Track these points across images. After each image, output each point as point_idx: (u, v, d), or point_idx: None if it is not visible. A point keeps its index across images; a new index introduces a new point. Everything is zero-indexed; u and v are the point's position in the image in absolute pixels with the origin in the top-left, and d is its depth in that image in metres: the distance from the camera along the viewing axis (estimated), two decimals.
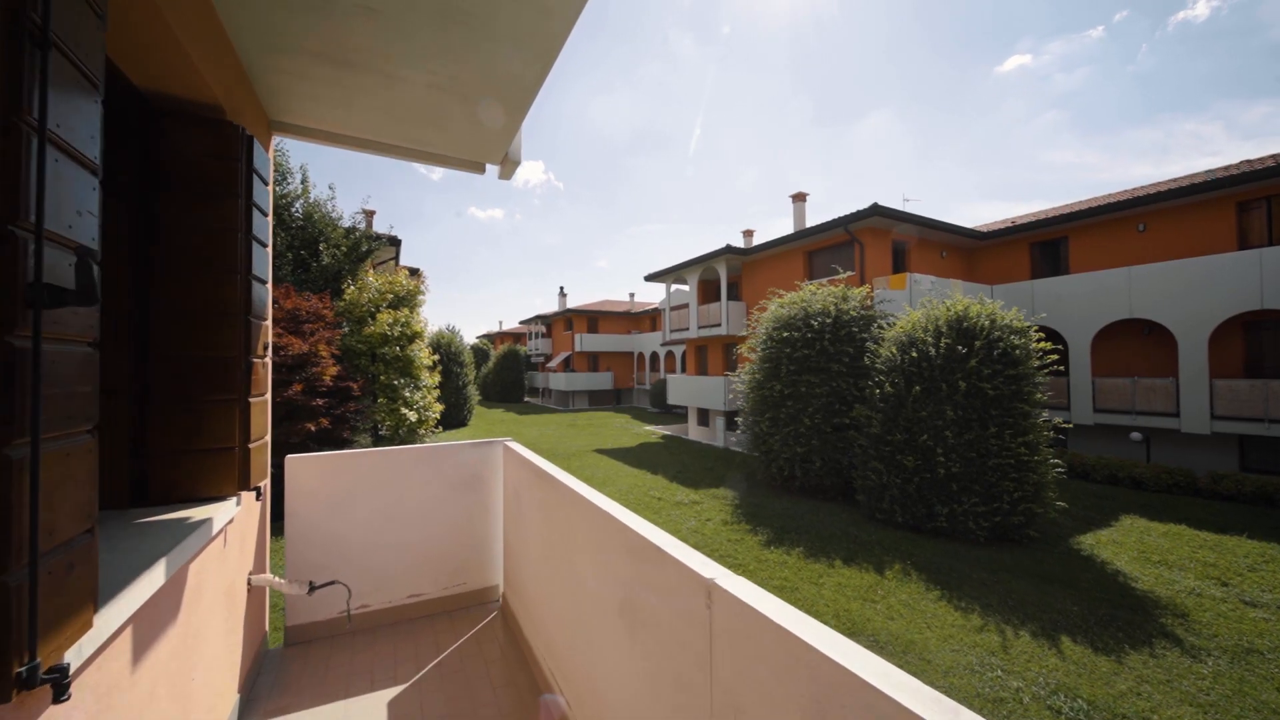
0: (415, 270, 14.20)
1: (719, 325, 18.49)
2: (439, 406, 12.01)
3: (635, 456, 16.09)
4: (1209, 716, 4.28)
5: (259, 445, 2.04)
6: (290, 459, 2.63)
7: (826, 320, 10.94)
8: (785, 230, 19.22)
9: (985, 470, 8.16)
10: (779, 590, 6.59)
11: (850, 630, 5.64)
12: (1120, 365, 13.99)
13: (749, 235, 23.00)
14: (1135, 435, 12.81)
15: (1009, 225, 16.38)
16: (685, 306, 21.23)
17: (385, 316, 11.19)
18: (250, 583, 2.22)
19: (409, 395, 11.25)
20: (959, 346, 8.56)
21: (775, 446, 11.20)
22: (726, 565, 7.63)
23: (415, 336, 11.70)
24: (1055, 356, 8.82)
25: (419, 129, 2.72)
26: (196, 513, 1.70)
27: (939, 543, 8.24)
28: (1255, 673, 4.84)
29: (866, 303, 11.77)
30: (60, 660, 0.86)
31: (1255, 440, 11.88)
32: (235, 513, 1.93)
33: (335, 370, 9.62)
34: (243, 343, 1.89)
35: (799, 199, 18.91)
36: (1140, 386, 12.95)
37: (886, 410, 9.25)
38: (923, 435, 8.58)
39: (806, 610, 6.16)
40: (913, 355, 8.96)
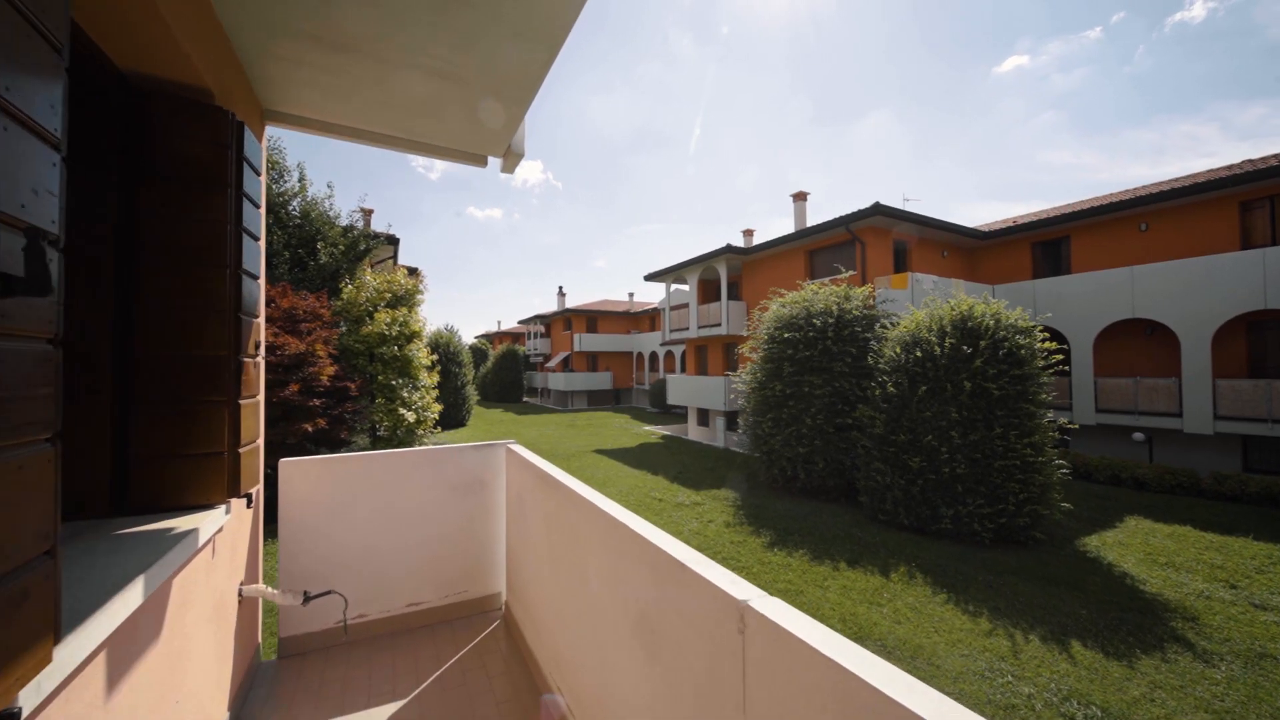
0: (414, 269, 14.07)
1: (719, 325, 18.40)
2: (437, 407, 11.89)
3: (635, 457, 15.99)
4: None
5: (250, 449, 1.93)
6: (284, 463, 2.52)
7: (829, 320, 10.85)
8: (784, 230, 19.17)
9: (990, 471, 8.08)
10: (784, 594, 6.50)
11: (857, 635, 5.55)
12: (1122, 365, 13.94)
13: (749, 235, 22.92)
14: (1138, 435, 12.77)
15: (1010, 225, 16.32)
16: (685, 306, 21.14)
17: (383, 316, 11.06)
18: (242, 594, 2.11)
19: (407, 395, 11.13)
20: (964, 346, 8.48)
21: (777, 447, 11.11)
22: (730, 568, 7.54)
23: (414, 336, 11.58)
24: (1060, 356, 8.75)
25: (419, 120, 2.62)
26: (182, 522, 1.60)
27: (943, 544, 8.15)
28: (1270, 678, 4.76)
29: (869, 302, 11.68)
30: (12, 703, 0.75)
31: (1258, 440, 11.83)
32: (225, 521, 1.82)
33: (333, 370, 9.49)
34: (233, 341, 1.79)
35: (800, 198, 18.83)
36: (1143, 386, 12.89)
37: (890, 410, 9.17)
38: (927, 436, 8.50)
39: (812, 614, 6.07)
40: (917, 355, 8.88)
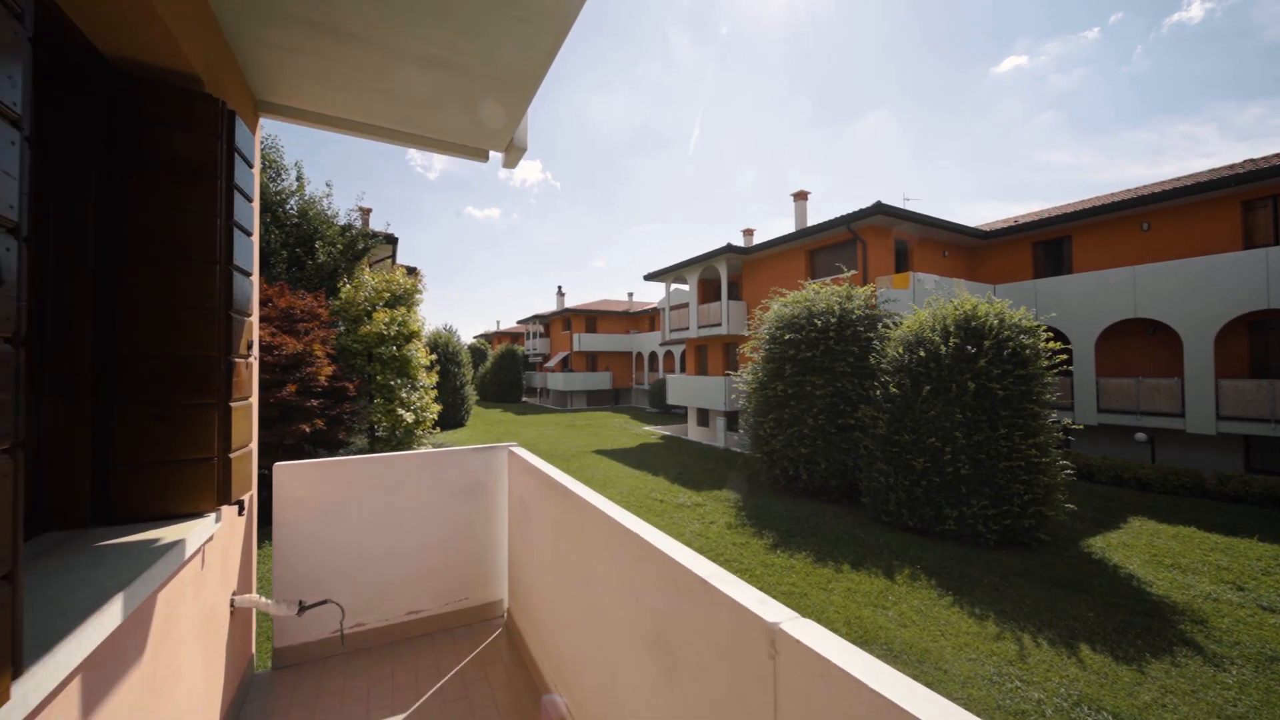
0: (412, 269, 13.97)
1: (719, 325, 18.32)
2: (436, 407, 11.79)
3: (635, 457, 15.90)
4: None
5: (242, 454, 1.84)
6: (279, 467, 2.43)
7: (831, 320, 10.78)
8: (783, 230, 19.09)
9: (995, 472, 8.01)
10: (788, 597, 6.43)
11: (863, 639, 5.47)
12: (1124, 365, 13.89)
13: (749, 234, 22.85)
14: (1140, 436, 12.72)
15: (1012, 224, 16.27)
16: (685, 306, 21.06)
17: (382, 315, 10.96)
18: (234, 605, 2.03)
19: (406, 396, 11.03)
20: (968, 346, 8.41)
21: (778, 448, 11.04)
22: (732, 570, 7.45)
23: (412, 336, 11.48)
24: (1065, 356, 8.69)
25: (419, 112, 2.53)
26: (168, 532, 1.51)
27: (948, 546, 8.08)
28: None
29: (871, 302, 11.62)
30: None
31: (1261, 441, 11.79)
32: (215, 530, 1.74)
33: (330, 370, 9.39)
34: (223, 340, 1.70)
35: (800, 197, 18.76)
36: (1145, 386, 12.84)
37: (893, 411, 9.10)
38: (931, 436, 8.43)
39: (817, 617, 5.99)
40: (921, 355, 8.80)
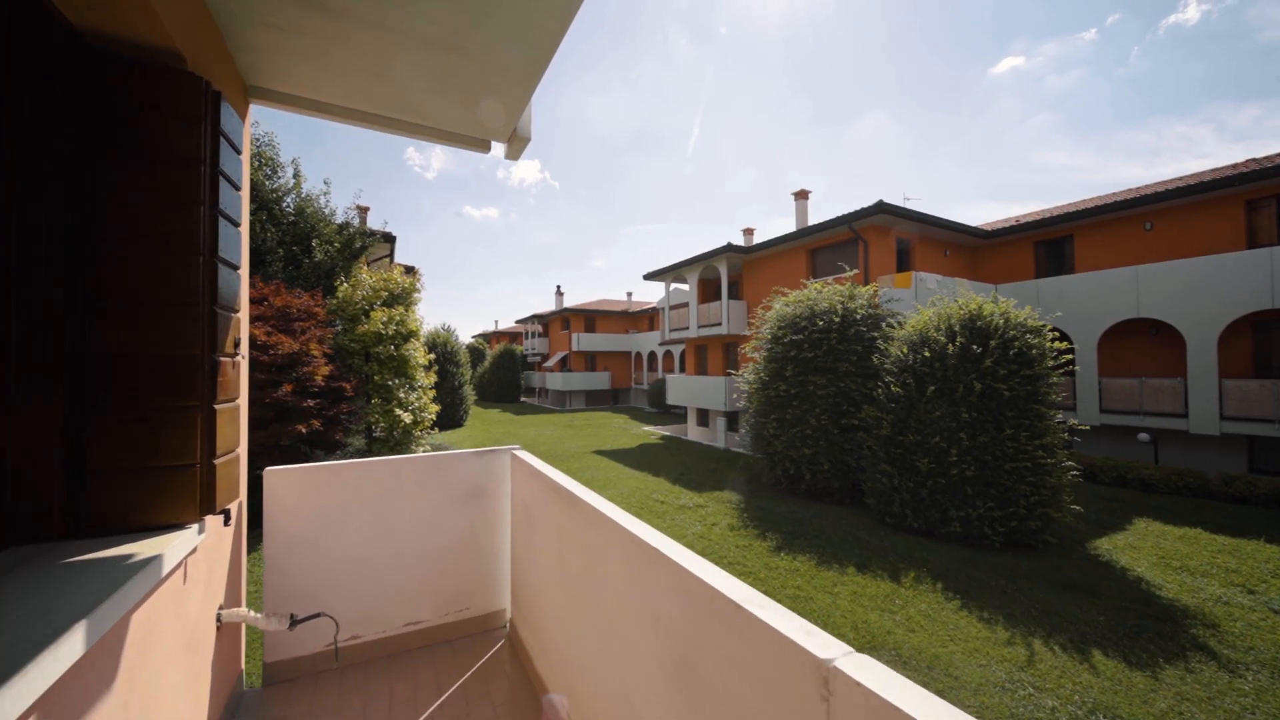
0: (410, 268, 13.83)
1: (719, 324, 18.22)
2: (434, 407, 11.66)
3: (635, 458, 15.79)
4: None
5: (228, 460, 1.72)
6: (269, 472, 2.31)
7: (834, 319, 10.69)
8: (781, 230, 18.99)
9: (1001, 474, 7.92)
10: (793, 600, 6.32)
11: (871, 644, 5.36)
12: (1127, 365, 13.84)
13: (749, 234, 22.75)
14: (1143, 436, 12.65)
15: (1013, 224, 16.20)
16: (685, 306, 20.95)
17: (379, 315, 10.83)
18: (221, 619, 1.90)
19: (404, 396, 10.90)
20: (974, 346, 8.32)
21: (781, 449, 10.93)
22: (734, 573, 7.35)
23: (410, 335, 11.35)
24: (1070, 356, 8.61)
25: (419, 98, 2.41)
26: (145, 546, 1.39)
27: (953, 548, 7.99)
28: None
29: (874, 301, 11.53)
30: None
31: (1264, 441, 11.73)
32: (198, 541, 1.61)
33: (327, 370, 9.26)
34: (207, 338, 1.58)
35: (801, 196, 18.66)
36: (1148, 387, 12.79)
37: (897, 411, 9.00)
38: (935, 437, 8.33)
39: (822, 622, 5.88)
40: (925, 355, 8.71)
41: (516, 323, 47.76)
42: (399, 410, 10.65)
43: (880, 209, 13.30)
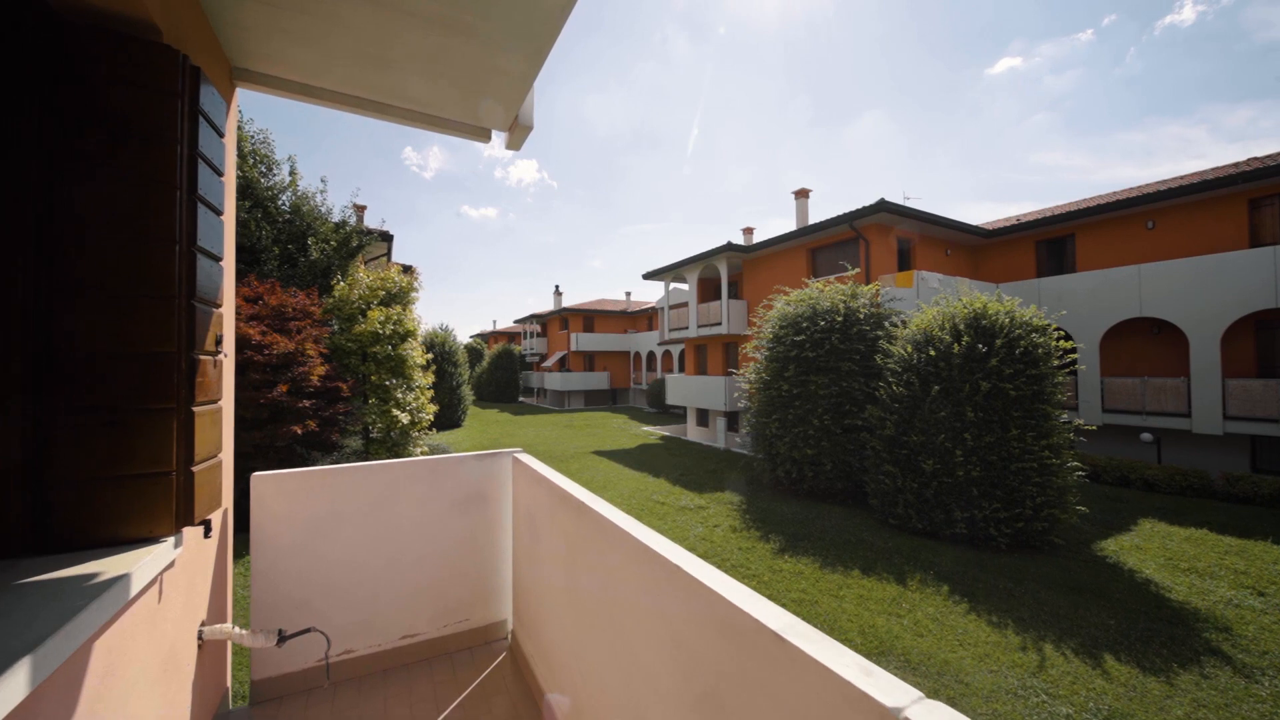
0: (408, 267, 13.67)
1: (719, 324, 18.10)
2: (432, 408, 11.51)
3: (635, 458, 15.66)
4: None
5: (208, 467, 1.59)
6: (256, 478, 2.18)
7: (836, 319, 10.58)
8: (779, 230, 18.86)
9: (1007, 474, 7.82)
10: (799, 605, 6.20)
11: (879, 649, 5.25)
12: (1129, 365, 13.77)
13: (749, 233, 22.66)
14: (1146, 436, 12.58)
15: (1014, 223, 16.13)
16: (684, 305, 20.84)
17: (376, 314, 10.67)
18: (203, 637, 1.78)
19: (401, 396, 10.75)
20: (979, 345, 8.21)
21: (784, 449, 10.82)
22: (738, 576, 7.22)
23: (408, 335, 11.20)
24: (1076, 355, 8.52)
25: (416, 82, 2.28)
26: (112, 564, 1.26)
27: (959, 550, 7.89)
28: None
29: (876, 300, 11.43)
30: None
31: (1268, 441, 11.67)
32: (175, 556, 1.49)
33: (323, 370, 9.11)
34: (183, 335, 1.45)
35: (801, 195, 18.57)
36: (1150, 386, 12.72)
37: (901, 411, 8.90)
38: (940, 437, 8.23)
39: (829, 626, 5.77)
40: (930, 354, 8.61)
41: (515, 322, 47.57)
42: (396, 410, 10.51)
43: (882, 207, 13.21)
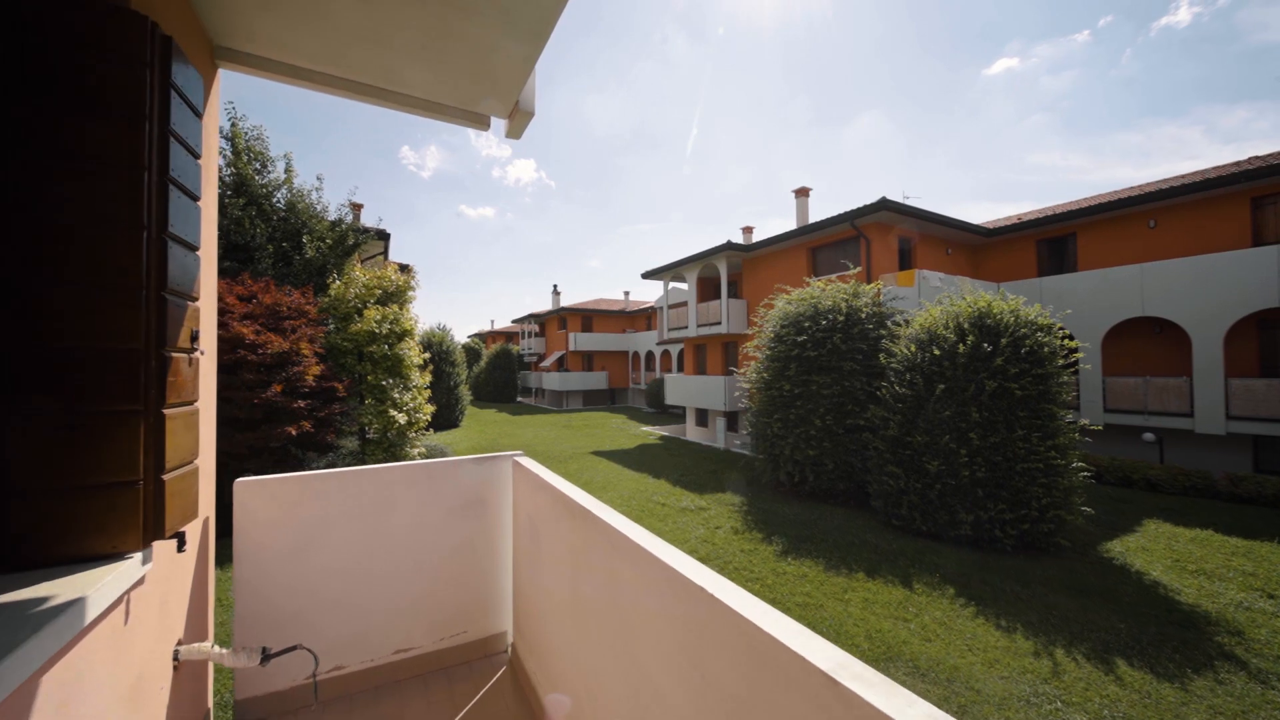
0: (405, 266, 13.51)
1: (719, 324, 17.99)
2: (429, 408, 11.36)
3: (634, 459, 15.53)
4: None
5: (182, 475, 1.46)
6: (240, 484, 2.04)
7: (838, 318, 10.48)
8: (778, 230, 18.75)
9: (1012, 475, 7.72)
10: (804, 609, 6.09)
11: (886, 654, 5.14)
12: (1131, 364, 13.70)
13: (748, 232, 22.55)
14: (1148, 436, 12.51)
15: (1015, 222, 16.06)
16: (683, 304, 20.72)
17: (373, 313, 10.52)
18: (179, 658, 1.64)
19: (398, 396, 10.60)
20: (984, 344, 8.11)
21: (787, 450, 10.70)
22: (741, 579, 7.10)
23: (405, 334, 11.04)
24: (1081, 355, 8.43)
25: (411, 63, 2.15)
26: (67, 585, 1.13)
27: (964, 552, 7.78)
28: None
29: (878, 299, 11.33)
30: None
31: (1271, 441, 11.61)
32: (143, 573, 1.35)
33: (318, 370, 8.96)
34: (153, 329, 1.32)
35: (802, 194, 18.46)
36: (1152, 386, 12.66)
37: (904, 411, 8.79)
38: (944, 437, 8.13)
39: (835, 631, 5.65)
40: (934, 353, 8.50)
41: (513, 322, 47.38)
42: (393, 411, 10.36)
43: (883, 206, 13.10)
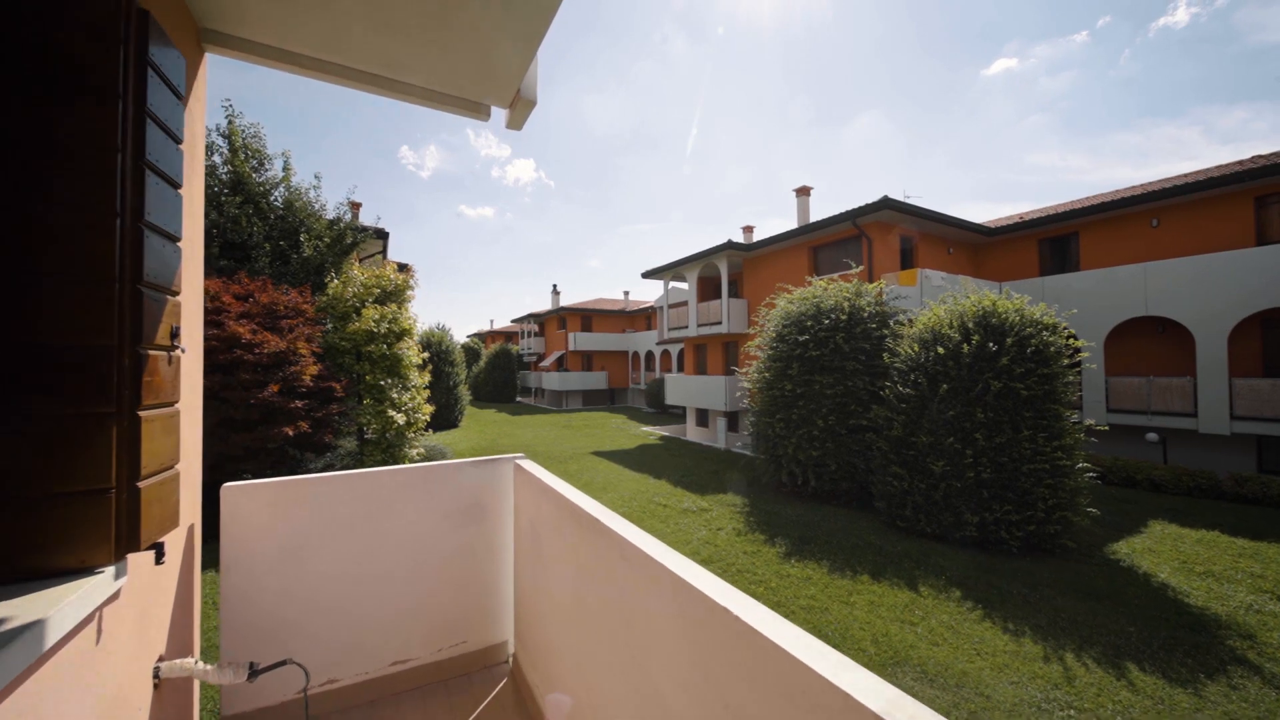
0: (404, 265, 13.40)
1: (719, 323, 17.90)
2: (428, 408, 11.26)
3: (635, 459, 15.44)
4: None
5: (159, 481, 1.36)
6: (227, 489, 1.94)
7: (840, 317, 10.39)
8: (779, 230, 18.66)
9: (1018, 476, 7.63)
10: (808, 611, 5.99)
11: (893, 659, 5.05)
12: (1134, 364, 13.63)
13: (749, 231, 22.47)
14: (1152, 436, 12.44)
15: (1017, 221, 15.99)
16: (684, 304, 20.62)
17: (371, 312, 10.41)
18: (159, 676, 1.55)
19: (397, 396, 10.49)
20: (989, 344, 8.03)
21: (789, 451, 10.61)
22: (745, 582, 7.00)
23: (404, 334, 10.94)
24: (1087, 354, 8.35)
25: (408, 50, 2.05)
26: (26, 605, 1.03)
27: (969, 554, 7.70)
28: None
29: (881, 298, 11.24)
30: None
31: (1275, 441, 11.54)
32: (116, 587, 1.25)
33: (316, 369, 8.85)
34: (127, 325, 1.22)
35: (803, 193, 18.38)
36: (1156, 386, 12.58)
37: (908, 411, 8.70)
38: (949, 438, 8.04)
39: (841, 635, 5.56)
40: (939, 352, 8.41)
41: (512, 322, 47.26)
42: (391, 411, 10.25)
43: (885, 204, 13.02)
